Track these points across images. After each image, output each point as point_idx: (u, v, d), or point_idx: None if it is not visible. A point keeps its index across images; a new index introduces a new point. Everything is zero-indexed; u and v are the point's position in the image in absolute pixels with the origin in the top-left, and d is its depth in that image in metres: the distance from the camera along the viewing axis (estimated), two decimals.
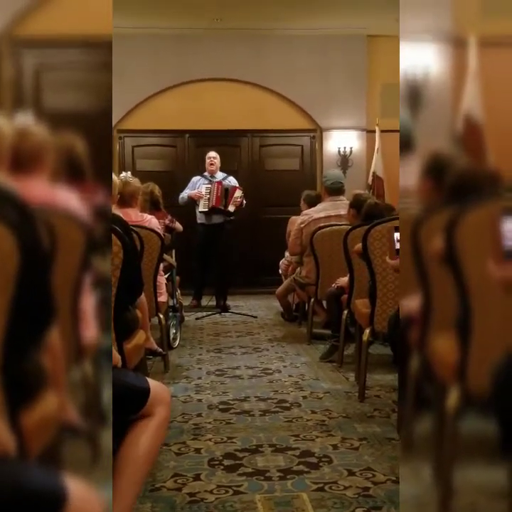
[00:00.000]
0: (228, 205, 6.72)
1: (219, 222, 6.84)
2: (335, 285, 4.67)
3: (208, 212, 6.86)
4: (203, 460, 2.78)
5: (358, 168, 8.44)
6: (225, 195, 6.72)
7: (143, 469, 1.92)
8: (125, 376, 2.01)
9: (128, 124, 8.38)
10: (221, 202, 6.73)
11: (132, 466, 1.87)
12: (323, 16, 7.66)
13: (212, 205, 6.77)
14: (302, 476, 2.59)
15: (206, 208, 6.83)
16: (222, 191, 6.73)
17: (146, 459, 1.91)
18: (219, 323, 6.28)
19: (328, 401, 3.64)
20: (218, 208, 6.74)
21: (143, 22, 7.73)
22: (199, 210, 6.92)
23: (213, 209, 6.80)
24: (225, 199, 6.72)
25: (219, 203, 6.73)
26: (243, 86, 8.38)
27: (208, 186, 6.86)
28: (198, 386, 3.99)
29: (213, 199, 6.77)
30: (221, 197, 6.72)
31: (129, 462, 1.86)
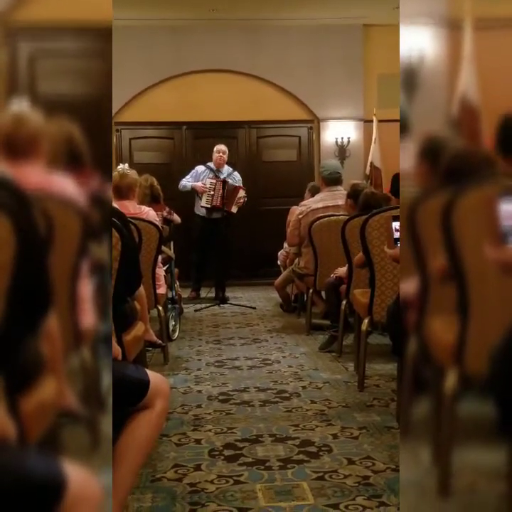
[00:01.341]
0: (231, 207, 6.71)
1: (218, 217, 6.85)
2: (333, 275, 4.68)
3: (210, 209, 6.86)
4: (204, 450, 2.79)
5: (356, 159, 8.44)
6: (228, 196, 6.69)
7: (139, 460, 1.94)
8: (125, 368, 2.01)
9: (125, 117, 8.36)
10: (225, 203, 6.69)
11: (130, 456, 1.88)
12: (319, 6, 7.63)
13: (216, 204, 6.75)
14: (302, 466, 2.60)
15: (209, 205, 6.83)
16: (227, 192, 6.69)
17: (143, 449, 1.93)
18: (218, 315, 6.29)
19: (327, 391, 3.66)
20: (220, 208, 6.73)
21: (139, 13, 7.70)
22: (201, 205, 6.91)
23: (215, 207, 6.80)
24: (228, 199, 6.69)
25: (222, 203, 6.68)
26: (240, 77, 8.36)
27: (212, 181, 6.81)
28: (198, 377, 4.00)
29: (216, 200, 6.73)
30: (224, 198, 6.68)
31: (127, 453, 1.88)
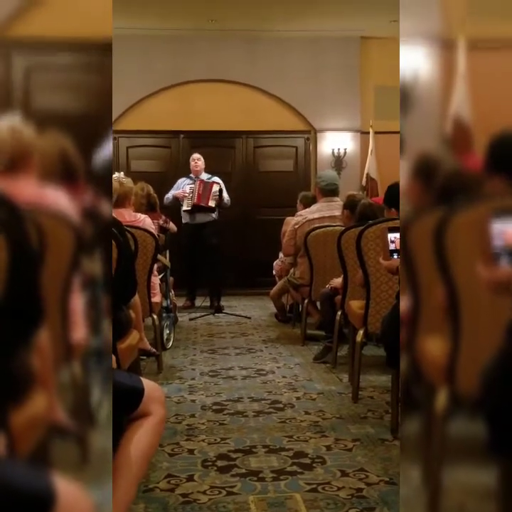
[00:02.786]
0: (208, 201, 6.87)
1: (203, 221, 6.98)
2: (329, 286, 4.68)
3: (191, 210, 6.96)
4: (197, 461, 2.77)
5: (352, 170, 8.46)
6: (204, 192, 6.87)
7: (142, 468, 1.92)
8: (118, 376, 2.00)
9: (122, 125, 8.37)
10: (202, 199, 6.88)
11: (131, 465, 1.87)
12: (317, 18, 7.68)
13: (194, 202, 6.89)
14: (295, 477, 2.59)
15: (189, 207, 6.95)
16: (203, 189, 6.89)
17: (144, 457, 1.91)
18: (213, 324, 6.28)
19: (321, 402, 3.65)
20: (200, 204, 6.87)
21: (137, 23, 7.72)
22: (183, 209, 7.03)
23: (196, 207, 6.92)
24: (206, 196, 6.86)
25: (200, 199, 6.88)
26: (237, 87, 8.39)
27: (191, 186, 7.00)
28: (192, 387, 3.99)
29: (195, 197, 6.91)
30: (202, 194, 6.88)
31: (128, 462, 1.86)
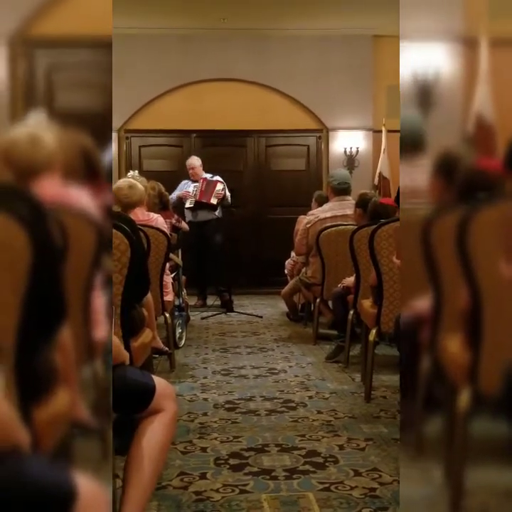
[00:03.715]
0: (210, 198, 6.94)
1: (205, 219, 7.03)
2: (341, 285, 4.67)
3: (194, 207, 7.01)
4: (209, 459, 2.78)
5: (364, 169, 8.43)
6: (207, 189, 6.94)
7: (158, 463, 1.92)
8: (131, 373, 2.01)
9: (134, 125, 8.40)
10: (204, 195, 6.96)
11: (148, 461, 1.87)
12: (329, 16, 7.66)
13: (197, 199, 6.96)
14: (308, 476, 2.59)
15: (192, 204, 7.03)
16: (205, 185, 6.97)
17: (160, 453, 1.92)
18: (224, 323, 6.28)
19: (334, 401, 3.64)
20: (202, 201, 6.93)
21: (149, 22, 7.74)
22: (186, 207, 7.09)
23: (197, 204, 6.98)
24: (208, 193, 6.94)
25: (202, 196, 6.95)
26: (249, 86, 8.39)
27: (195, 185, 7.09)
28: (204, 385, 3.99)
29: (197, 194, 6.98)
30: (204, 191, 6.96)
31: (144, 458, 1.87)
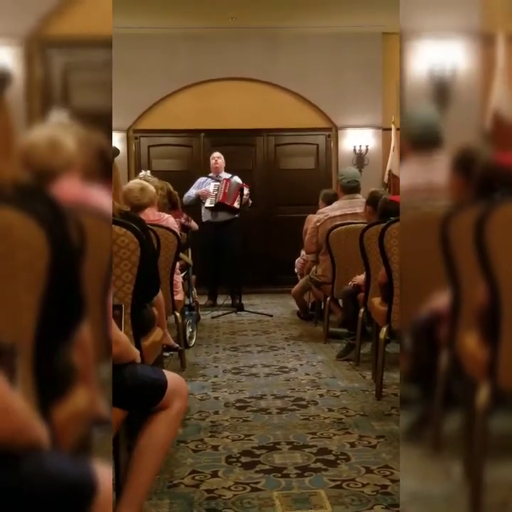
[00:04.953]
0: (234, 202, 6.83)
1: (225, 219, 6.94)
2: (351, 283, 4.66)
3: (214, 208, 6.93)
4: (221, 457, 2.78)
5: (374, 167, 8.42)
6: (231, 191, 6.83)
7: (158, 461, 1.96)
8: (143, 369, 2.03)
9: (144, 124, 8.42)
10: (228, 198, 6.84)
11: (148, 458, 1.91)
12: (339, 14, 7.65)
13: (219, 200, 6.86)
14: (320, 474, 2.59)
15: (213, 204, 6.92)
16: (230, 188, 6.86)
17: (161, 448, 1.96)
18: (235, 322, 6.29)
19: (345, 399, 3.64)
20: (224, 203, 6.84)
21: (158, 22, 7.76)
22: (205, 206, 6.99)
23: (219, 205, 6.88)
24: (232, 196, 6.82)
25: (225, 198, 6.84)
26: (258, 85, 8.39)
27: (216, 184, 6.97)
28: (215, 384, 4.00)
29: (220, 195, 6.88)
30: (228, 193, 6.85)
31: (147, 452, 1.90)
